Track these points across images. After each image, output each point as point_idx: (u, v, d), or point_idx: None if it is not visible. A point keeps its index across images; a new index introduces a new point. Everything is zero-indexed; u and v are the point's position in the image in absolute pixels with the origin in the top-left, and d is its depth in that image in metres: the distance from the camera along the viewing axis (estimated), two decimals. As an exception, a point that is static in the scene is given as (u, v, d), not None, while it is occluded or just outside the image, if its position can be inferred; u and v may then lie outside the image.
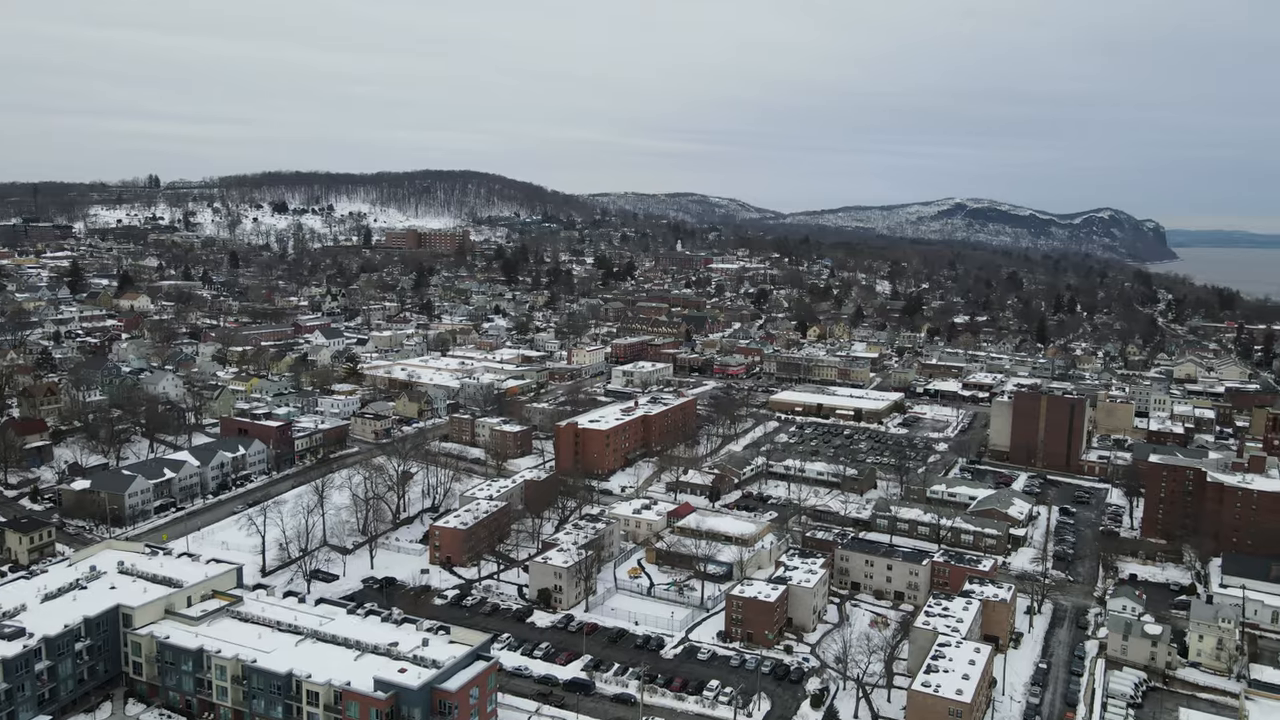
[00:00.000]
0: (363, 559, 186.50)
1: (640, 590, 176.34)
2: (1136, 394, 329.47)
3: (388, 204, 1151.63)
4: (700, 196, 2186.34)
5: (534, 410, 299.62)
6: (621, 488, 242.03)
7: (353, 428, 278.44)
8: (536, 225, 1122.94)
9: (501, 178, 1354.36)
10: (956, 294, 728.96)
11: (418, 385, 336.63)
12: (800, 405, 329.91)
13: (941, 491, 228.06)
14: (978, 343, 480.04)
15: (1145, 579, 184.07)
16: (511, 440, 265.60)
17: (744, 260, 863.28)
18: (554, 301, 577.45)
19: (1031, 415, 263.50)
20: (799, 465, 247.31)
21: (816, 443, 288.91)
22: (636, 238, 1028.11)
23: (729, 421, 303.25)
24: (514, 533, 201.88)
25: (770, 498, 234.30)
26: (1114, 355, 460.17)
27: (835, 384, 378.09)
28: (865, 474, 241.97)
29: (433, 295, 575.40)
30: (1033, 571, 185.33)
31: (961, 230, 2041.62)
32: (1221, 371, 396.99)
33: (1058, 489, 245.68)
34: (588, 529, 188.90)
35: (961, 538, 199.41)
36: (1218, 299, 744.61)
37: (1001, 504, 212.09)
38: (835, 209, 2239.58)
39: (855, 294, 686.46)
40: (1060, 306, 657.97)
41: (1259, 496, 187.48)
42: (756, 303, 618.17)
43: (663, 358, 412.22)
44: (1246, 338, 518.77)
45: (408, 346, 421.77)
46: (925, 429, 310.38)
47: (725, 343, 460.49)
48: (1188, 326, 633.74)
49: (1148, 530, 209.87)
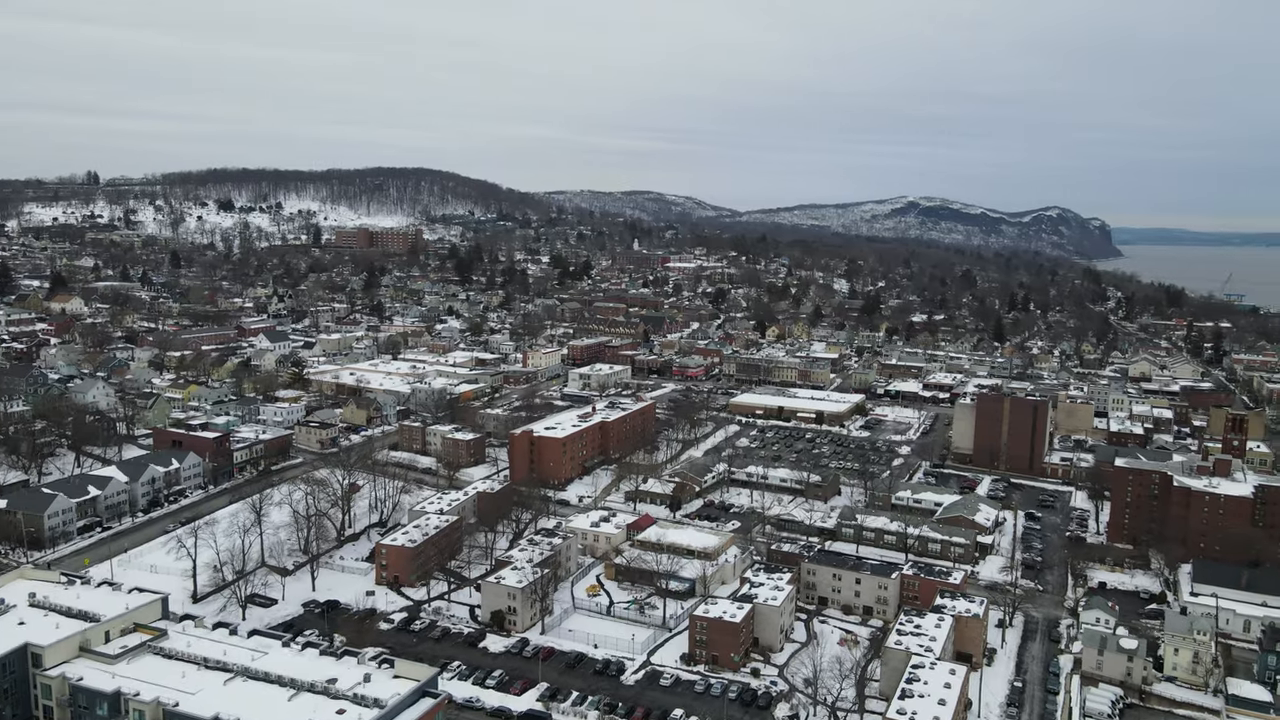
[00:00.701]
0: (304, 580, 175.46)
1: (599, 610, 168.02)
2: (1095, 394, 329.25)
3: (338, 202, 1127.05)
4: (657, 194, 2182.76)
5: (488, 416, 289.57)
6: (579, 498, 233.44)
7: (297, 437, 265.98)
8: (491, 224, 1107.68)
9: (456, 175, 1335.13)
10: (913, 292, 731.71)
11: (366, 391, 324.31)
12: (761, 408, 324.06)
13: (907, 498, 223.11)
14: (936, 342, 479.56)
15: (1115, 587, 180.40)
16: (464, 449, 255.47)
17: (701, 259, 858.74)
18: (509, 302, 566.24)
19: (994, 417, 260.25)
20: (761, 472, 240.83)
21: (778, 447, 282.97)
22: (593, 236, 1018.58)
23: (689, 426, 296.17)
24: (466, 548, 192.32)
25: (733, 506, 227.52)
26: (1070, 354, 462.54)
27: (796, 385, 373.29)
28: (829, 480, 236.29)
29: (384, 296, 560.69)
30: (1002, 582, 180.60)
31: (915, 228, 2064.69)
32: (1175, 370, 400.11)
33: (1022, 493, 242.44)
34: (543, 544, 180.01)
35: (929, 546, 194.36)
36: (1165, 296, 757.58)
37: (968, 510, 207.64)
38: (791, 207, 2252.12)
39: (813, 293, 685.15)
40: (1015, 305, 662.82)
41: (1226, 501, 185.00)
42: (715, 302, 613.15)
43: (620, 360, 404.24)
44: (1196, 336, 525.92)
45: (357, 350, 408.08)
46: (887, 431, 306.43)
47: (684, 343, 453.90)
48: (1138, 324, 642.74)
49: (1114, 535, 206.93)
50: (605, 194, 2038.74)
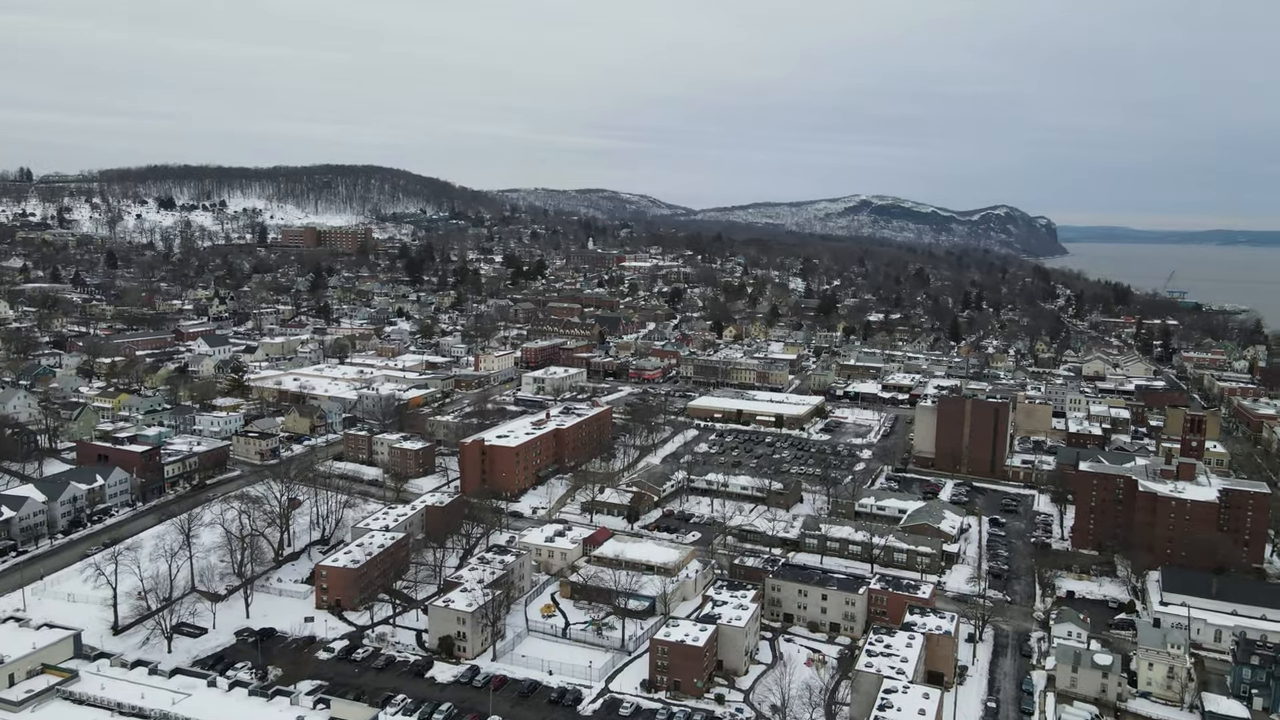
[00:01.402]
0: (237, 607, 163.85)
1: (554, 632, 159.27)
2: (1052, 394, 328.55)
3: (285, 200, 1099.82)
4: (611, 193, 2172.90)
5: (438, 424, 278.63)
6: (533, 509, 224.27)
7: (235, 448, 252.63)
8: (443, 222, 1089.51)
9: (406, 173, 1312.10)
10: (868, 291, 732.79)
11: (311, 397, 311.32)
12: (720, 411, 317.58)
13: (870, 505, 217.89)
14: (893, 342, 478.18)
15: (1083, 596, 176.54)
16: (412, 458, 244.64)
17: (657, 258, 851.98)
18: (461, 303, 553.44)
19: (956, 420, 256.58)
20: (722, 480, 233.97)
21: (738, 452, 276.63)
22: (547, 235, 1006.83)
23: (646, 431, 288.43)
24: (414, 566, 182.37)
25: (693, 516, 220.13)
26: (1024, 353, 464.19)
27: (754, 387, 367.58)
28: (791, 488, 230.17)
29: (331, 297, 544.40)
30: (971, 593, 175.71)
31: (868, 226, 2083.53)
32: (1128, 368, 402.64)
33: (985, 497, 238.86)
34: (495, 563, 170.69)
35: (895, 557, 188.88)
36: (1113, 294, 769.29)
37: (933, 518, 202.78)
38: (745, 205, 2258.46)
39: (769, 292, 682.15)
40: (968, 303, 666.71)
41: (1192, 507, 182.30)
42: (671, 302, 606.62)
43: (575, 362, 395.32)
44: (1146, 334, 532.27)
45: (302, 354, 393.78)
46: (848, 434, 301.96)
47: (640, 345, 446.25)
48: (1088, 322, 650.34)
49: (1078, 541, 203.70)
50: (559, 192, 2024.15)
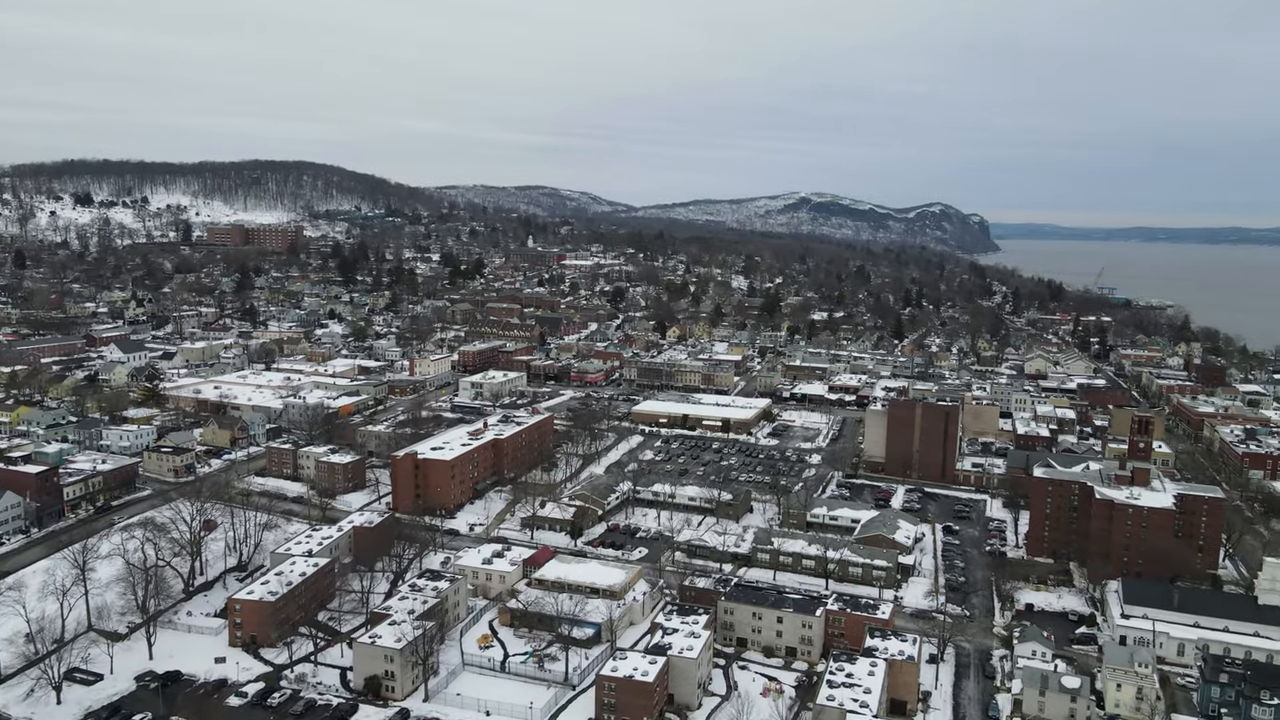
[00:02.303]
0: (139, 648, 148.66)
1: (492, 666, 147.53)
2: (998, 394, 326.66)
3: (212, 196, 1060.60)
4: (551, 189, 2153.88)
5: (369, 434, 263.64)
6: (470, 526, 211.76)
7: (145, 465, 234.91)
8: (379, 220, 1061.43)
9: (340, 169, 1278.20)
10: (810, 288, 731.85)
11: (232, 407, 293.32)
12: (665, 416, 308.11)
13: (822, 515, 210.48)
14: (838, 341, 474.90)
15: (1042, 608, 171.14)
16: (341, 473, 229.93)
17: (598, 256, 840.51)
18: (396, 303, 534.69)
19: (906, 424, 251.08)
20: (669, 491, 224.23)
21: (685, 459, 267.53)
22: (486, 233, 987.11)
23: (589, 438, 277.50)
24: (340, 594, 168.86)
25: (639, 530, 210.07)
26: (967, 351, 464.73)
27: (699, 390, 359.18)
28: (740, 498, 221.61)
29: (258, 299, 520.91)
30: (929, 608, 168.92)
31: (807, 224, 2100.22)
32: (1069, 366, 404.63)
33: (937, 503, 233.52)
34: (427, 590, 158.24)
35: (850, 570, 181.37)
36: (1047, 291, 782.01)
37: (887, 528, 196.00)
38: (686, 202, 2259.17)
39: (712, 291, 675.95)
40: (909, 301, 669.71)
41: (1149, 514, 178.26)
42: (613, 301, 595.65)
43: (515, 365, 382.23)
44: (1083, 331, 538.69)
45: (225, 360, 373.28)
46: (796, 438, 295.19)
47: (582, 346, 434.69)
48: (1025, 318, 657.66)
49: (1034, 548, 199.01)
50: (499, 189, 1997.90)
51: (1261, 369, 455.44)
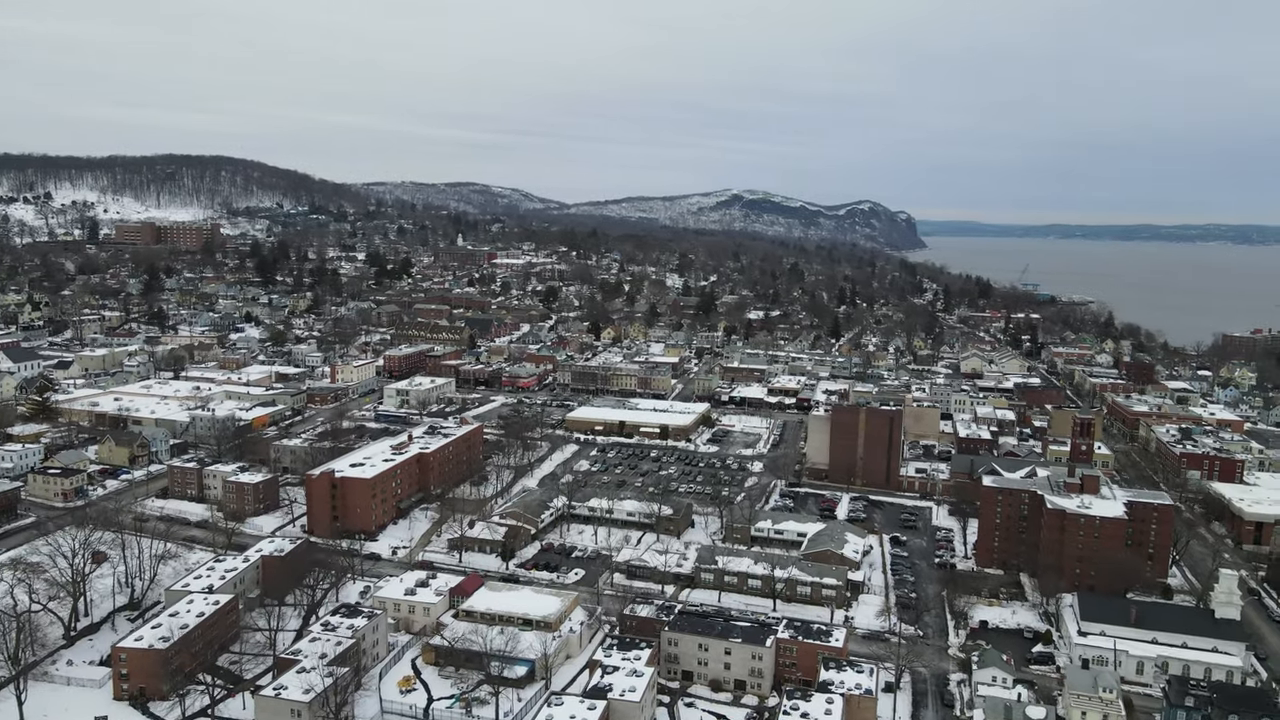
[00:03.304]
0: (7, 706, 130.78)
1: (414, 714, 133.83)
2: (938, 396, 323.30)
3: (122, 192, 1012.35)
4: (482, 186, 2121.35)
5: (284, 449, 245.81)
6: (393, 549, 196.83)
7: (30, 488, 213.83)
8: (302, 217, 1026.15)
9: (261, 164, 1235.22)
10: (745, 286, 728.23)
11: (133, 421, 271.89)
12: (601, 423, 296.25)
13: (767, 529, 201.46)
14: (775, 341, 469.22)
15: (997, 625, 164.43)
16: (251, 494, 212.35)
17: (530, 254, 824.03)
18: (318, 305, 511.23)
19: (850, 430, 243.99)
20: (606, 506, 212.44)
21: (622, 469, 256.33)
22: (415, 230, 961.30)
23: (521, 449, 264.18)
24: (245, 633, 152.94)
25: (575, 549, 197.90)
26: (903, 350, 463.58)
27: (636, 394, 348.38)
28: (681, 512, 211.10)
29: (168, 301, 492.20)
30: (881, 629, 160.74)
31: (740, 221, 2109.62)
32: (1004, 365, 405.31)
33: (883, 511, 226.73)
34: (342, 629, 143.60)
35: (798, 590, 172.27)
36: (976, 288, 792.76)
37: (835, 542, 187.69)
38: (619, 199, 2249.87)
39: (647, 289, 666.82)
40: (844, 298, 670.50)
41: (1101, 524, 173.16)
42: (546, 301, 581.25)
43: (444, 370, 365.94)
44: (1014, 328, 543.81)
45: (129, 368, 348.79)
46: (736, 444, 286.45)
47: (514, 349, 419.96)
48: (957, 316, 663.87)
49: (983, 559, 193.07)
50: (428, 185, 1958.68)
51: (1184, 365, 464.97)
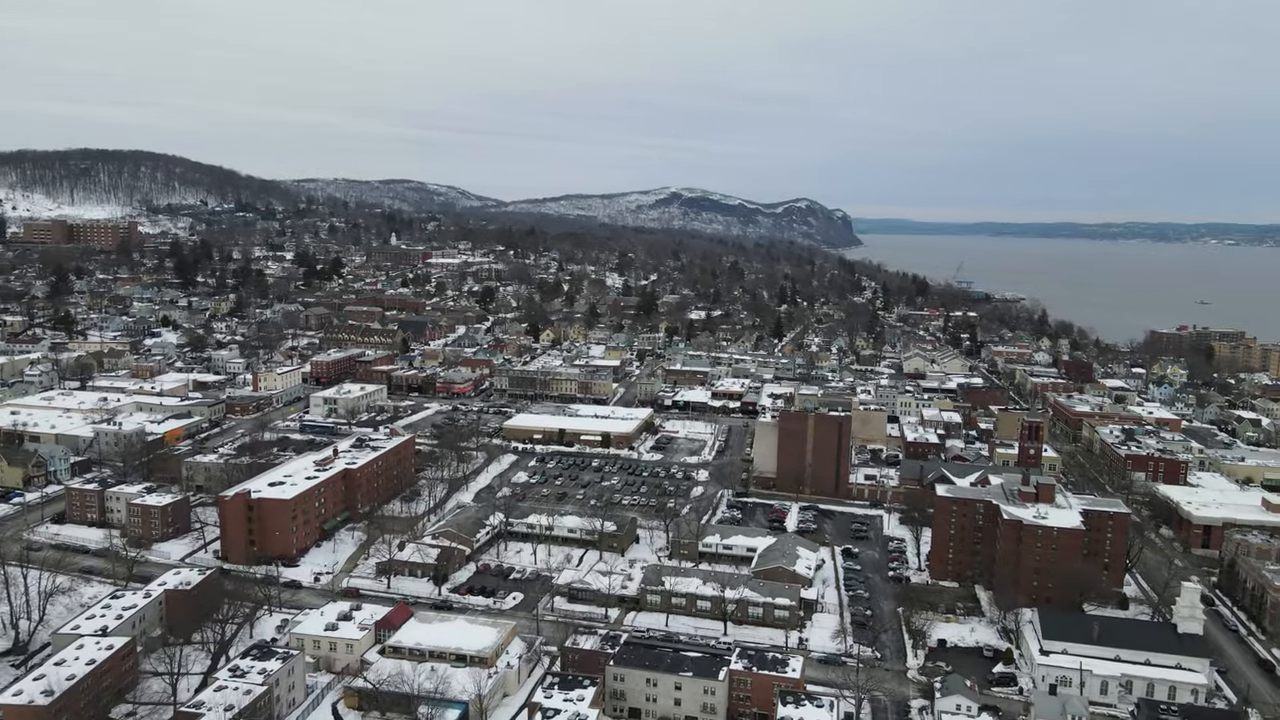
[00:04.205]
0: None
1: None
2: (883, 398, 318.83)
3: (32, 188, 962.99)
4: (418, 184, 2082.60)
5: (197, 466, 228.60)
6: (315, 576, 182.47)
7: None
8: (228, 215, 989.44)
9: (184, 160, 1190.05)
10: (685, 285, 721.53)
11: (30, 437, 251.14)
12: (540, 431, 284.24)
13: (715, 544, 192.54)
14: (718, 342, 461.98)
15: (955, 644, 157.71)
16: (158, 517, 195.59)
17: (466, 254, 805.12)
18: (242, 308, 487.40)
19: (798, 437, 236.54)
20: (546, 523, 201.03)
21: (562, 480, 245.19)
22: (347, 229, 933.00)
23: (456, 460, 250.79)
24: (144, 680, 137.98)
25: (513, 570, 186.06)
26: (846, 350, 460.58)
27: (576, 399, 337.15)
28: (625, 527, 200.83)
29: (77, 305, 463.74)
30: (837, 652, 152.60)
31: (678, 219, 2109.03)
32: (945, 365, 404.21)
33: (833, 521, 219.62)
34: (253, 675, 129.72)
35: (750, 611, 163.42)
36: (914, 286, 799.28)
37: (786, 558, 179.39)
38: (557, 197, 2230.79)
39: (586, 289, 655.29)
40: (784, 297, 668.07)
41: (1059, 535, 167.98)
42: (482, 302, 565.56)
43: (375, 376, 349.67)
44: (954, 327, 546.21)
45: (30, 378, 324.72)
46: (680, 451, 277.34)
47: (449, 352, 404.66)
48: (896, 314, 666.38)
49: (937, 571, 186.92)
50: (362, 183, 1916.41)
51: (1118, 362, 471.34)
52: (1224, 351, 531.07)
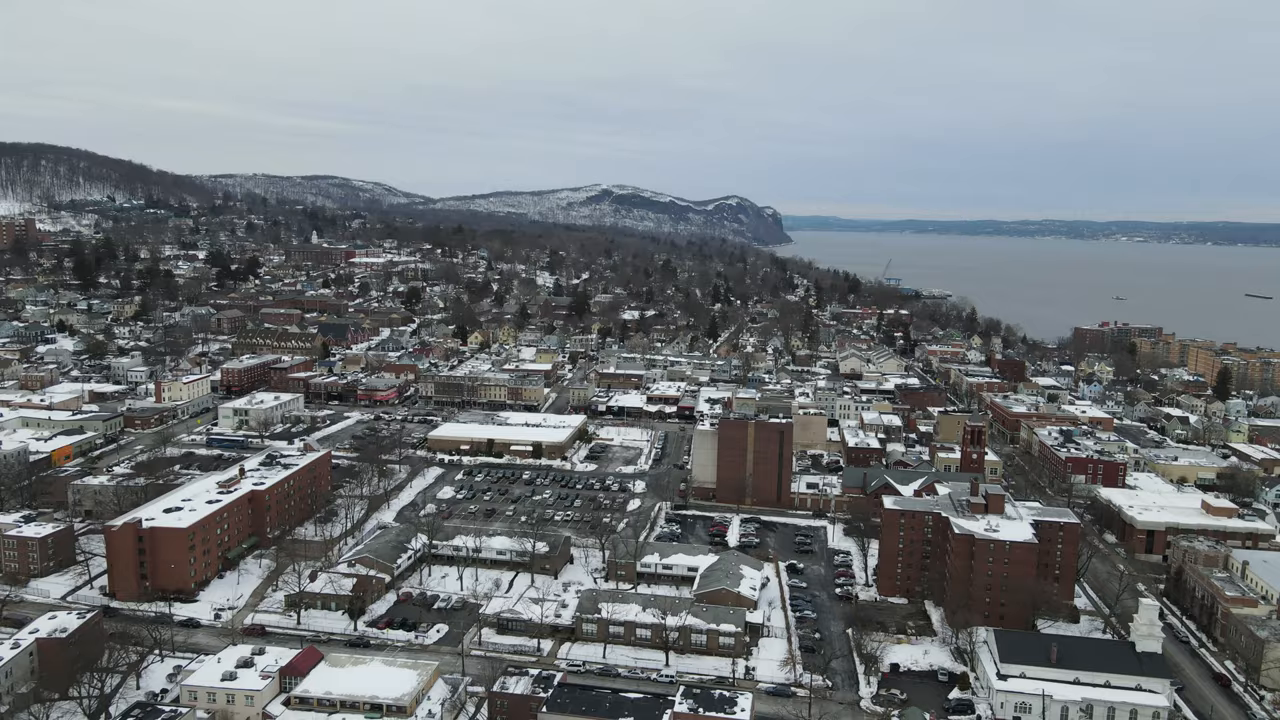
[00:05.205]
0: None
1: None
2: (823, 401, 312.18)
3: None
4: (343, 180, 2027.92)
5: (85, 489, 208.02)
6: (216, 612, 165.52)
7: None
8: (137, 211, 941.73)
9: (90, 153, 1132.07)
10: (618, 284, 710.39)
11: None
12: (467, 442, 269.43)
13: (654, 563, 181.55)
14: (652, 343, 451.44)
15: (909, 667, 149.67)
16: (36, 550, 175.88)
17: (392, 253, 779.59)
18: (147, 311, 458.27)
19: (738, 446, 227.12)
20: (473, 545, 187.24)
21: (491, 495, 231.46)
22: (266, 226, 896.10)
23: (377, 475, 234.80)
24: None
25: (438, 599, 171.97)
26: (781, 350, 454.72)
27: (506, 406, 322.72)
28: (558, 548, 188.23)
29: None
30: (786, 683, 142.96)
31: (610, 216, 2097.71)
32: (881, 365, 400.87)
33: (775, 534, 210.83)
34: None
35: (693, 639, 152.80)
36: (845, 283, 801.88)
37: (729, 578, 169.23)
38: (487, 194, 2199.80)
39: (517, 289, 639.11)
40: (718, 296, 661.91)
41: (1012, 549, 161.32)
42: (408, 303, 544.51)
43: (291, 384, 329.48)
44: (888, 326, 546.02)
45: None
46: (616, 461, 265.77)
47: (372, 357, 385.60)
48: (829, 312, 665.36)
49: (885, 587, 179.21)
50: (283, 179, 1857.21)
51: (1047, 360, 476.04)
52: (1145, 348, 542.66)
